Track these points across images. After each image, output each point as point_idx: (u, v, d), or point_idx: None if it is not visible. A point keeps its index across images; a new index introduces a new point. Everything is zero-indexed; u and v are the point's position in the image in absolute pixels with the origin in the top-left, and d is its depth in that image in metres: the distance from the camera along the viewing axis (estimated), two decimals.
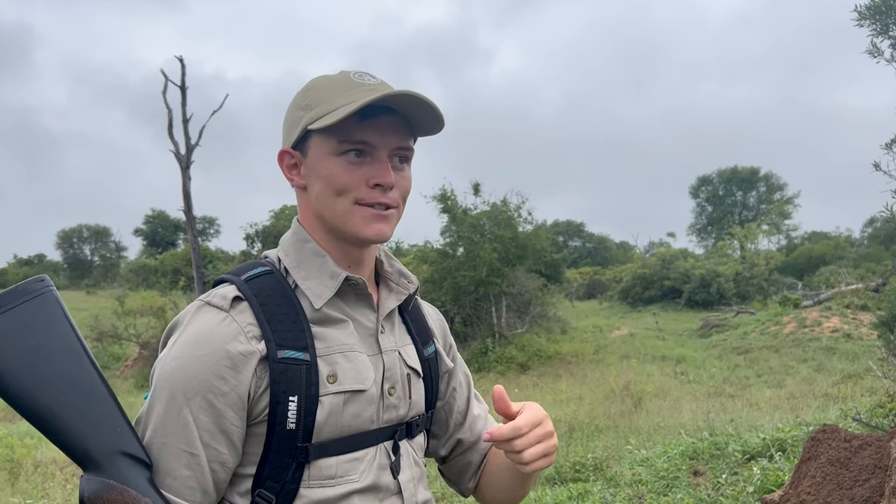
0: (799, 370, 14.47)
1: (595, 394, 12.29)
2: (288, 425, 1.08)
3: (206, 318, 1.09)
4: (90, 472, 0.98)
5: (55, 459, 8.08)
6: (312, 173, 1.17)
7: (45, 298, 1.05)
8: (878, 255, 37.84)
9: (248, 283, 1.14)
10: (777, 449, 5.51)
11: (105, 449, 0.99)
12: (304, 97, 1.18)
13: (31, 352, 1.00)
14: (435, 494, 6.04)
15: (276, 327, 1.10)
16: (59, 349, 1.03)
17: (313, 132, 1.14)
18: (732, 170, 62.74)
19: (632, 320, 29.51)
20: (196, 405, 1.05)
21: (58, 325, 1.04)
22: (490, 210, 20.84)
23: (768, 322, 21.15)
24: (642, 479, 5.64)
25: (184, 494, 1.04)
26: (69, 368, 1.02)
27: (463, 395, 1.44)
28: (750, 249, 43.61)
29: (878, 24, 3.84)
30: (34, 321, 1.02)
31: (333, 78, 1.19)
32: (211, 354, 1.06)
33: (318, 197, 1.17)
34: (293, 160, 1.20)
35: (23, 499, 6.32)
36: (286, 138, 1.21)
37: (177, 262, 42.54)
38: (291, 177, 1.21)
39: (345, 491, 1.13)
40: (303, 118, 1.16)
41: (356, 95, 1.13)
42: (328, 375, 1.12)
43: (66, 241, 72.52)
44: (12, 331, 1.00)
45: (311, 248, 1.20)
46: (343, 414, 1.13)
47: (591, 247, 73.59)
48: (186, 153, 20.82)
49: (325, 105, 1.14)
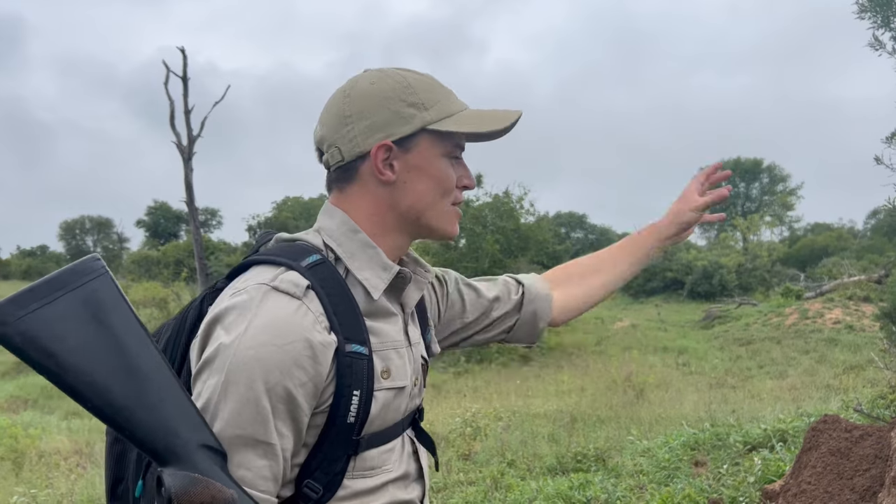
0: (801, 361, 14.48)
1: (597, 385, 12.32)
2: (349, 418, 1.08)
3: (281, 304, 1.04)
4: (172, 467, 0.92)
5: (59, 450, 8.13)
6: (416, 170, 1.18)
7: (105, 280, 0.95)
8: (880, 247, 37.77)
9: (310, 271, 1.10)
10: (778, 440, 5.52)
11: (185, 442, 0.93)
12: (409, 93, 1.16)
13: (99, 339, 0.91)
14: (437, 484, 6.07)
15: (342, 319, 1.09)
16: (126, 336, 0.94)
17: (426, 132, 1.16)
18: (736, 161, 62.57)
19: (634, 312, 29.53)
20: (276, 394, 1.01)
21: (121, 309, 0.95)
22: (492, 201, 20.84)
23: (771, 313, 21.15)
24: (644, 469, 5.66)
25: (258, 485, 1.01)
26: (139, 357, 0.94)
27: (470, 294, 1.52)
28: (753, 241, 43.60)
29: (880, 16, 3.83)
30: (98, 305, 0.92)
31: (422, 77, 1.21)
32: (293, 343, 1.02)
33: (421, 196, 1.19)
34: (389, 154, 1.16)
35: (27, 488, 6.35)
36: (376, 134, 1.15)
37: (179, 253, 42.59)
38: (384, 171, 1.16)
39: (383, 481, 1.16)
40: (415, 116, 1.16)
41: (459, 103, 1.21)
42: (382, 371, 1.13)
43: (69, 232, 72.62)
44: (75, 316, 0.90)
45: (361, 240, 1.18)
46: (390, 409, 1.15)
47: (594, 238, 73.44)
48: (189, 144, 20.81)
49: (441, 107, 1.18)
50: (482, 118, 1.19)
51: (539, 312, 1.54)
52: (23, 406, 12.60)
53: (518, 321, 1.53)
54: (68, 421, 10.44)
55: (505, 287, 1.55)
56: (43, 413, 11.57)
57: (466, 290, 1.51)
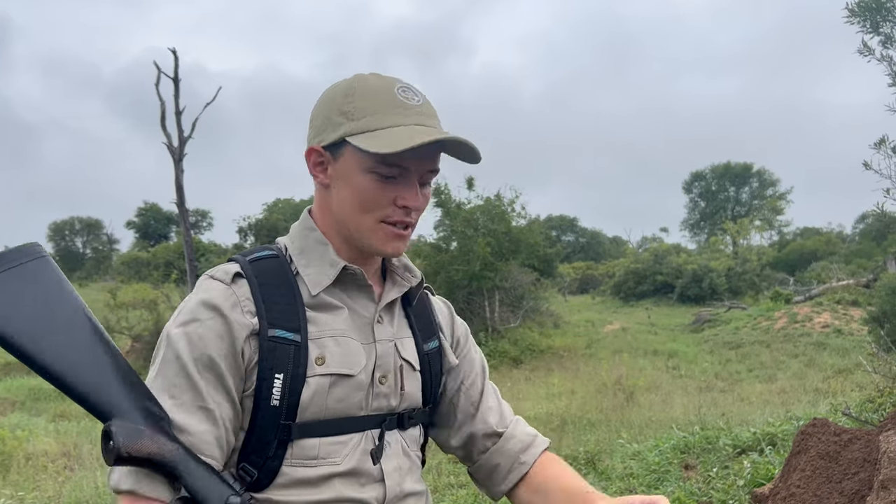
0: (790, 365, 14.54)
1: (587, 388, 12.33)
2: (272, 401, 1.11)
3: (210, 287, 1.15)
4: (118, 420, 0.99)
5: (46, 452, 8.06)
6: (341, 180, 1.18)
7: (46, 260, 1.06)
8: (869, 252, 37.98)
9: (251, 264, 1.19)
10: (767, 443, 5.54)
11: (128, 401, 1.01)
12: (345, 101, 1.17)
13: (43, 309, 1.01)
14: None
15: (271, 307, 1.14)
16: (68, 306, 1.04)
17: (348, 143, 1.15)
18: (725, 165, 62.84)
19: (624, 315, 29.59)
20: (202, 363, 1.08)
21: (63, 284, 1.06)
22: (484, 204, 20.84)
23: (760, 317, 21.24)
24: (634, 472, 5.67)
25: (203, 450, 1.06)
26: (81, 325, 1.04)
27: (476, 388, 1.41)
28: (742, 245, 43.79)
29: (868, 21, 3.85)
30: (40, 280, 1.03)
31: (377, 85, 1.17)
32: (212, 319, 1.11)
33: (342, 205, 1.19)
34: (321, 159, 1.20)
35: (14, 491, 6.31)
36: (316, 135, 1.20)
37: (169, 254, 42.39)
38: (316, 173, 1.22)
39: (326, 473, 1.14)
40: (342, 125, 1.15)
41: (402, 118, 1.14)
42: (316, 357, 1.15)
43: (58, 233, 72.16)
44: (21, 288, 1.01)
45: (315, 237, 1.23)
46: (328, 396, 1.15)
47: (584, 241, 73.68)
48: (179, 145, 20.73)
49: (370, 120, 1.14)
50: (400, 137, 1.11)
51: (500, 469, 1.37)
52: (10, 408, 12.49)
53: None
54: (56, 423, 10.36)
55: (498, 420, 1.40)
56: (30, 415, 11.47)
57: (472, 392, 1.40)
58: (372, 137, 1.12)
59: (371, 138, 1.12)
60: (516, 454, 1.37)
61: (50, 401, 13.01)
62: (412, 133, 1.12)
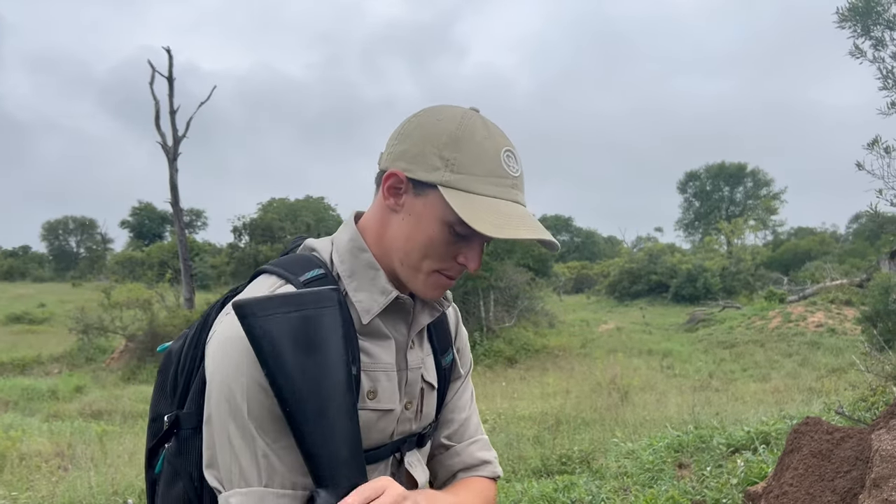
0: (784, 364, 14.59)
1: (582, 387, 12.35)
2: None
3: None
4: (324, 492, 0.99)
5: (40, 452, 8.04)
6: (413, 217, 1.12)
7: (335, 311, 1.04)
8: (862, 251, 38.16)
9: (306, 286, 1.11)
10: (761, 442, 5.56)
11: (346, 479, 0.99)
12: (448, 146, 1.10)
13: (311, 360, 0.99)
14: None
15: None
16: (331, 366, 1.01)
17: (437, 190, 1.09)
18: (720, 165, 63.01)
19: (619, 314, 29.65)
20: (265, 420, 1.02)
21: (336, 341, 1.03)
22: None
23: (754, 317, 21.31)
24: (628, 471, 5.68)
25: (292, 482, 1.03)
26: (342, 385, 1.01)
27: (465, 399, 1.42)
28: (736, 244, 43.91)
29: (860, 25, 3.87)
30: (322, 331, 1.01)
31: (485, 144, 1.11)
32: None
33: (404, 239, 1.14)
34: (400, 186, 1.13)
35: (8, 491, 6.29)
36: (404, 162, 1.12)
37: (163, 254, 42.34)
38: (388, 195, 1.14)
39: None
40: (438, 170, 1.09)
41: (500, 189, 1.10)
42: (368, 391, 1.13)
43: (52, 232, 71.94)
44: (303, 331, 1.00)
45: (366, 260, 1.17)
46: (372, 429, 1.15)
47: (579, 241, 73.84)
48: (174, 145, 20.68)
49: (468, 180, 1.08)
50: (497, 215, 1.07)
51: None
52: (3, 408, 12.45)
53: None
54: (49, 423, 10.33)
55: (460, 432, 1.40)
56: (24, 415, 11.44)
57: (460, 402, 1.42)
58: (468, 203, 1.07)
59: (467, 204, 1.06)
60: (455, 472, 1.37)
61: (43, 401, 12.98)
62: (510, 216, 1.08)
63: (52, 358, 19.03)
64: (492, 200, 1.08)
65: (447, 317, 1.37)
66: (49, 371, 17.77)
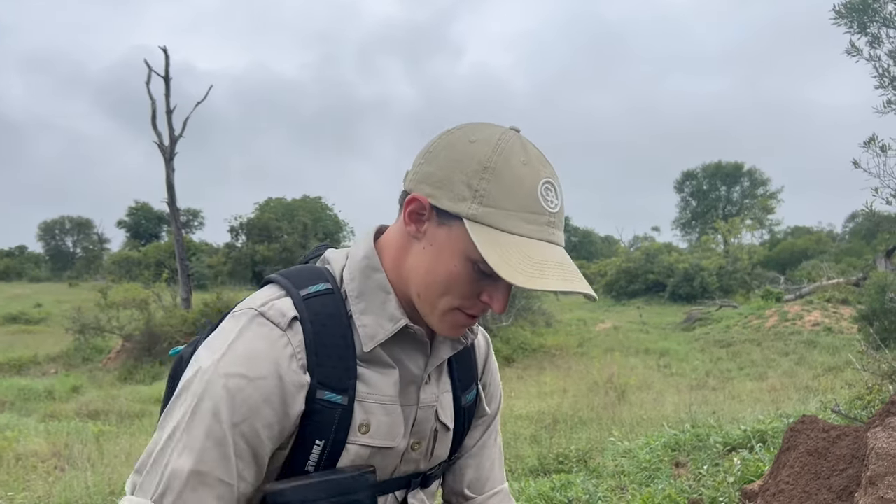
0: (780, 363, 14.61)
1: (579, 386, 12.35)
2: (307, 466, 1.03)
3: (263, 333, 1.00)
4: None
5: (36, 452, 8.02)
6: (434, 247, 1.02)
7: (366, 495, 1.06)
8: (859, 250, 38.23)
9: (306, 302, 1.04)
10: (758, 440, 5.57)
11: None
12: (478, 174, 0.98)
13: None
14: None
15: (324, 362, 1.02)
16: None
17: (462, 221, 0.98)
18: (717, 165, 63.14)
19: (616, 314, 29.67)
20: (241, 433, 0.96)
21: None
22: None
23: (751, 316, 21.32)
24: (625, 470, 5.69)
25: None
26: None
27: (473, 438, 1.33)
28: (733, 244, 43.97)
29: (856, 22, 3.88)
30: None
31: (521, 174, 0.98)
32: (265, 379, 0.97)
33: (423, 271, 1.03)
34: (423, 212, 1.02)
35: (4, 491, 6.27)
36: (428, 186, 1.01)
37: (160, 254, 42.29)
38: (409, 221, 1.04)
39: None
40: (465, 201, 0.97)
41: (533, 227, 0.98)
42: (361, 424, 1.05)
43: (48, 232, 71.84)
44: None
45: (378, 281, 1.08)
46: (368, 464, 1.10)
47: (577, 241, 73.86)
48: (170, 144, 20.65)
49: (498, 215, 0.97)
50: (527, 258, 0.96)
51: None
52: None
53: None
54: (46, 423, 10.30)
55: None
56: (20, 415, 11.41)
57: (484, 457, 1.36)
58: (495, 242, 0.96)
59: (494, 244, 0.95)
60: None
61: (40, 401, 12.94)
62: (542, 262, 0.97)
63: (48, 358, 18.98)
64: (523, 240, 0.97)
65: (475, 347, 1.27)
66: (45, 371, 17.72)
